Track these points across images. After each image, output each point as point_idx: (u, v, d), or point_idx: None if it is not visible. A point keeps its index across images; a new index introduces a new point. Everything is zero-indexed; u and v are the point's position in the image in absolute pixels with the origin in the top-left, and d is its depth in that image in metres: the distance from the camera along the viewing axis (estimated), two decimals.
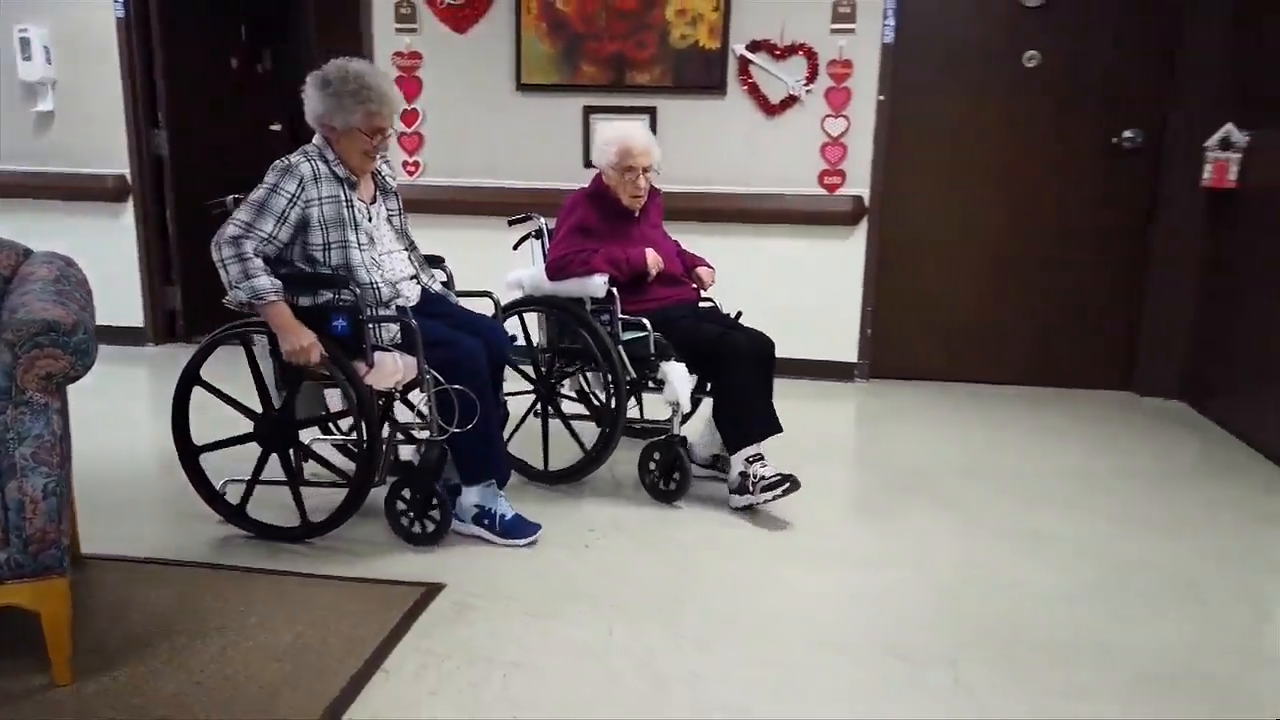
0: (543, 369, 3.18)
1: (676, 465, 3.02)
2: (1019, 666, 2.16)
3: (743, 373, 2.92)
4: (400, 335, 2.63)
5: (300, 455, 2.76)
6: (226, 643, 2.16)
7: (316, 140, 2.65)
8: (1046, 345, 4.49)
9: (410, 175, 4.59)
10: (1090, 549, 2.79)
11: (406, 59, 4.52)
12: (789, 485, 2.85)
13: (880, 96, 4.28)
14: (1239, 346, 3.88)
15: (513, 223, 3.33)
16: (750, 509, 2.93)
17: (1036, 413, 4.14)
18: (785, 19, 4.26)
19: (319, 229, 2.58)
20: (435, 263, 2.99)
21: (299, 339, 2.50)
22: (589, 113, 4.46)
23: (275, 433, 2.68)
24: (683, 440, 3.04)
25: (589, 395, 3.41)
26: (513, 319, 3.16)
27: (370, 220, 2.70)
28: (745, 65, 4.32)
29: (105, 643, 2.15)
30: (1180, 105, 4.13)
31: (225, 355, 2.67)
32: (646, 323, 2.99)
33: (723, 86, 4.36)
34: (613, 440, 3.07)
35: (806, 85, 4.30)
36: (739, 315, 3.20)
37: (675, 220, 3.35)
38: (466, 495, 2.74)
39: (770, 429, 2.94)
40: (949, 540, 2.83)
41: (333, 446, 3.14)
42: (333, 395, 2.82)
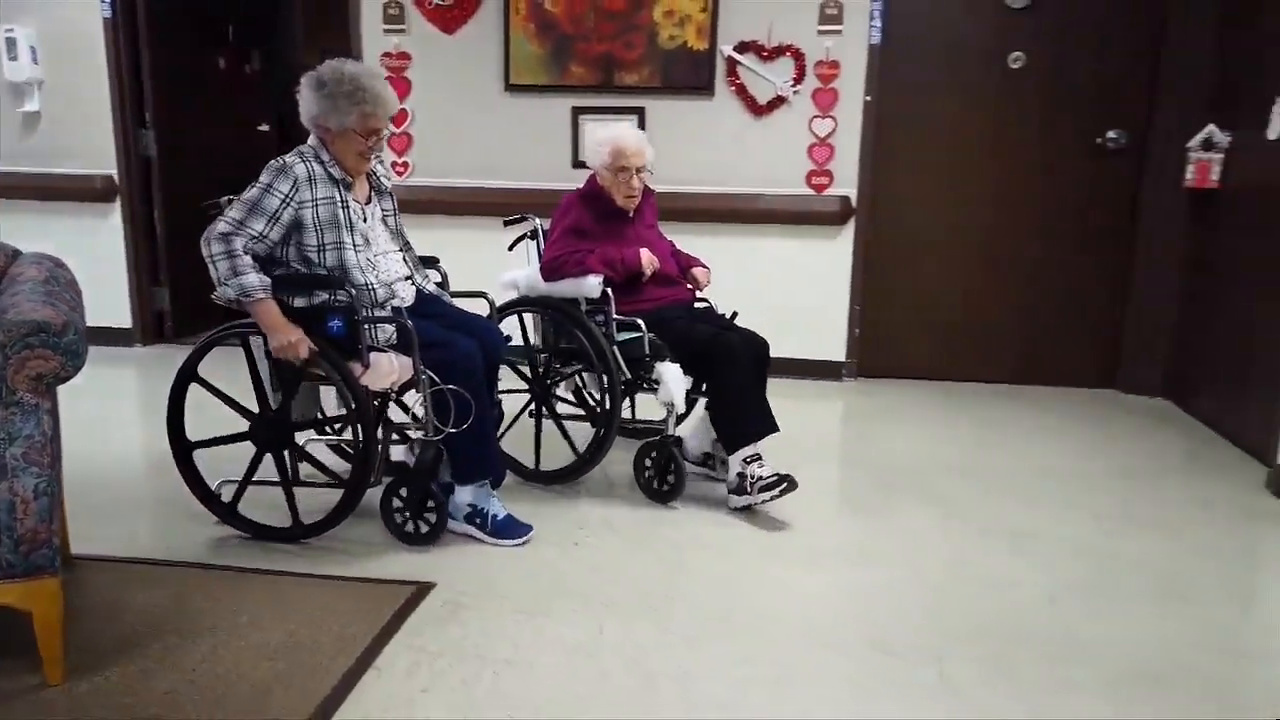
0: (539, 369, 3.19)
1: (671, 466, 3.02)
2: (1006, 663, 2.18)
3: (738, 373, 2.93)
4: (396, 336, 2.64)
5: (295, 456, 2.76)
6: (218, 642, 2.17)
7: (312, 141, 2.65)
8: (1033, 344, 4.53)
9: (399, 176, 4.59)
10: (1076, 546, 2.82)
11: (395, 59, 4.53)
12: (786, 486, 2.86)
13: (867, 97, 4.31)
14: (1220, 345, 3.92)
15: (508, 223, 3.34)
16: (749, 509, 2.95)
17: (1023, 411, 4.17)
18: (773, 20, 4.28)
19: (313, 230, 2.58)
20: (430, 263, 3.00)
21: (286, 335, 2.51)
22: (577, 113, 4.47)
23: (271, 433, 2.69)
24: (678, 441, 3.05)
25: (585, 396, 3.42)
26: (512, 319, 3.17)
27: (365, 221, 2.70)
28: (733, 66, 4.34)
29: (96, 642, 2.15)
30: (1163, 106, 4.17)
31: (222, 356, 2.68)
32: (641, 323, 2.99)
33: (711, 87, 4.38)
34: (607, 441, 3.07)
35: (794, 86, 4.33)
36: (734, 315, 3.20)
37: (663, 220, 3.37)
38: (459, 494, 2.75)
39: (767, 428, 2.94)
40: (937, 537, 2.86)
41: (327, 447, 3.14)
42: (329, 397, 2.82)
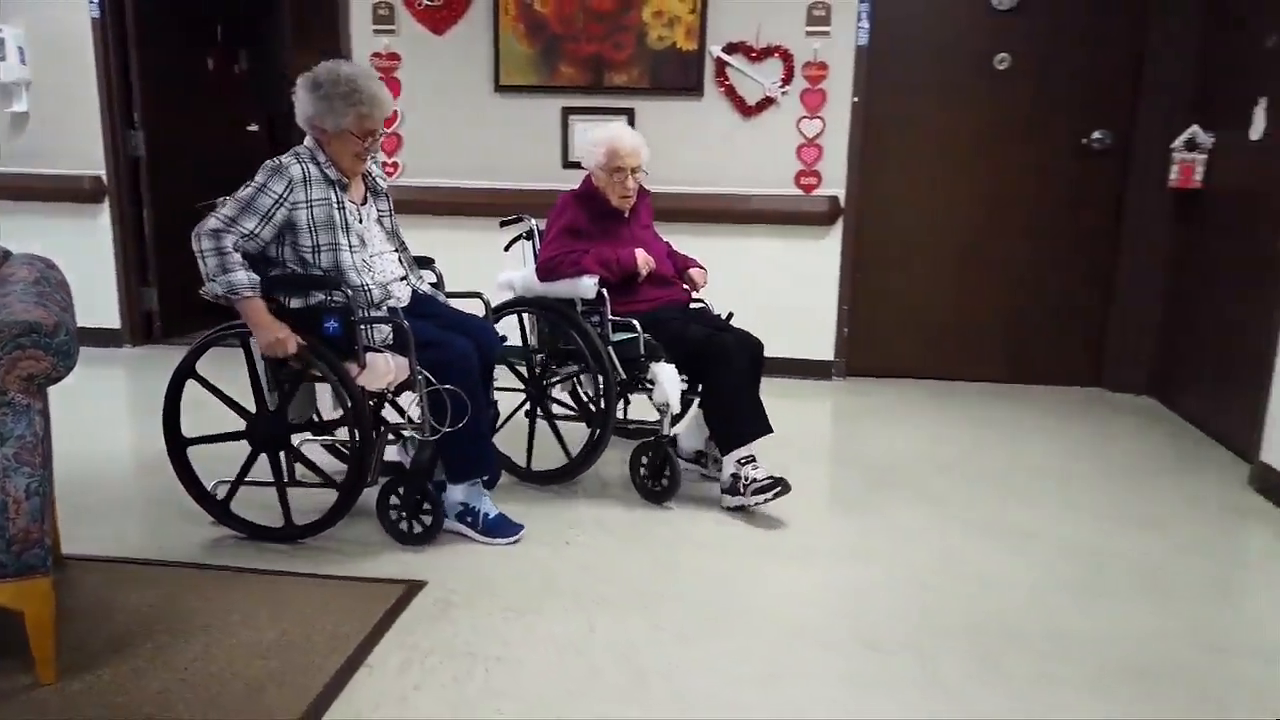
0: (536, 369, 3.19)
1: (666, 466, 3.03)
2: (992, 657, 2.21)
3: (733, 374, 2.94)
4: (392, 336, 2.65)
5: (291, 458, 2.76)
6: (210, 641, 2.18)
7: (308, 142, 2.66)
8: (1020, 343, 4.56)
9: (389, 176, 4.60)
10: (1062, 542, 2.85)
11: (385, 60, 4.53)
12: (780, 489, 2.87)
13: (855, 98, 4.33)
14: (1204, 343, 3.96)
15: (504, 223, 3.34)
16: (742, 509, 2.96)
17: (1010, 409, 4.21)
18: (761, 21, 4.31)
19: (308, 231, 2.59)
20: (425, 264, 3.01)
21: (273, 332, 2.52)
22: (567, 114, 4.49)
23: (267, 433, 2.69)
24: (673, 441, 3.05)
25: (581, 396, 3.43)
26: (511, 319, 3.17)
27: (361, 222, 2.71)
28: (722, 67, 4.36)
29: (88, 642, 2.15)
30: (1148, 107, 4.21)
31: (219, 356, 2.68)
32: (636, 324, 3.00)
33: (700, 88, 4.40)
34: (602, 442, 3.08)
35: (782, 87, 4.35)
36: (730, 316, 3.21)
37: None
38: (451, 493, 2.76)
39: (761, 430, 2.95)
40: (925, 535, 2.88)
41: (322, 447, 3.15)
42: (324, 398, 2.83)
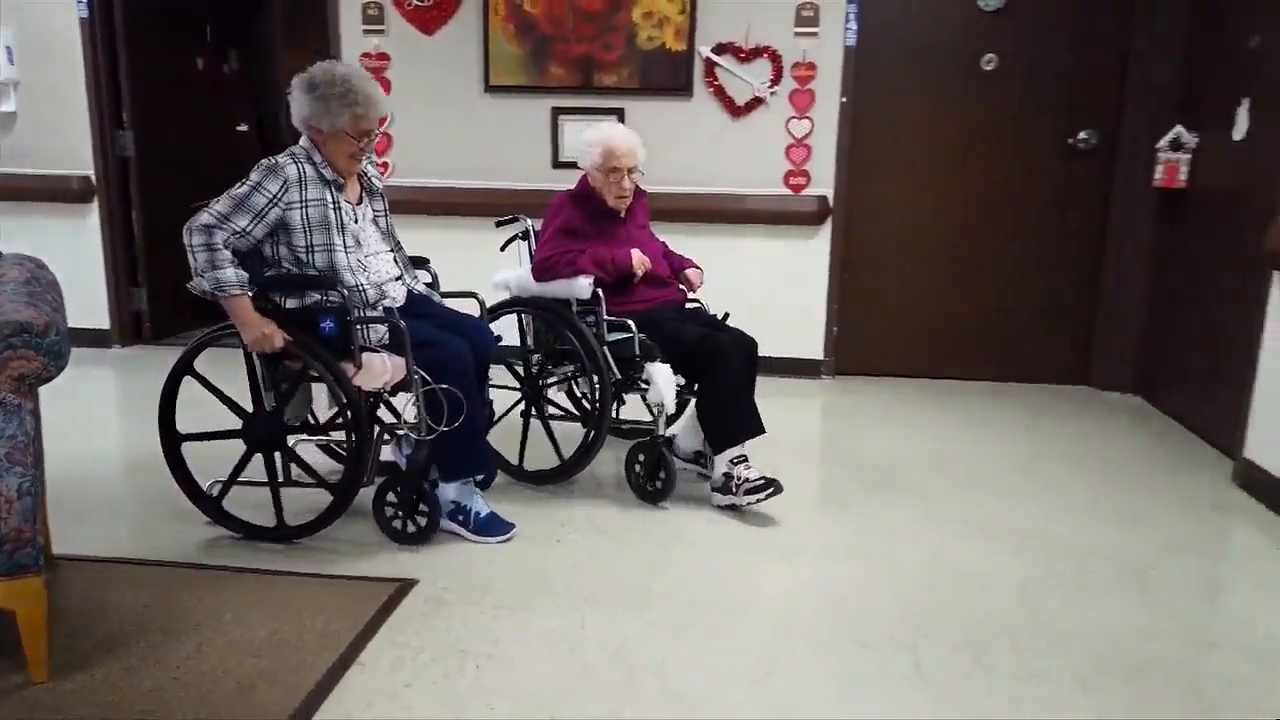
0: (534, 369, 3.20)
1: (661, 466, 3.04)
2: (979, 653, 2.23)
3: (729, 373, 2.94)
4: (388, 336, 2.66)
5: (286, 458, 2.76)
6: (202, 639, 2.18)
7: (303, 143, 2.67)
8: (1008, 341, 4.59)
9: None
10: (1049, 539, 2.87)
11: (374, 60, 4.53)
12: (772, 490, 2.89)
13: (843, 98, 4.36)
14: (1189, 341, 4.00)
15: (500, 224, 3.34)
16: (733, 508, 2.97)
17: (998, 408, 4.24)
18: (750, 22, 4.33)
19: (302, 231, 2.59)
20: (420, 264, 3.01)
21: (259, 328, 2.53)
22: (557, 114, 4.50)
23: (263, 433, 2.69)
24: (668, 441, 3.06)
25: (577, 397, 3.43)
26: (511, 319, 3.18)
27: (356, 222, 2.72)
28: (711, 67, 4.38)
29: (81, 641, 2.16)
30: (1133, 107, 4.25)
31: (218, 356, 2.69)
32: (631, 324, 3.00)
33: (689, 88, 4.42)
34: (597, 442, 3.08)
35: (771, 87, 4.37)
36: (726, 316, 3.22)
37: None
38: (444, 491, 2.77)
39: (754, 430, 2.96)
40: (915, 533, 2.90)
41: (317, 448, 3.15)
42: (320, 399, 2.83)
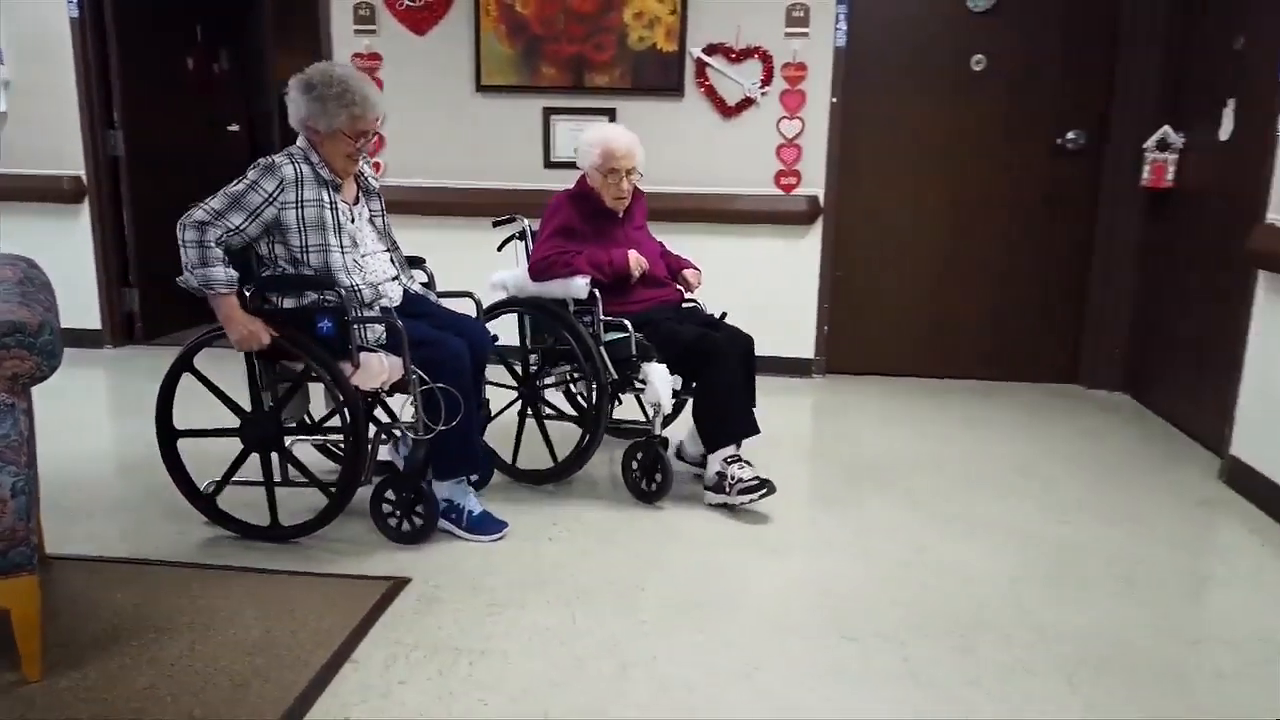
0: (531, 369, 3.20)
1: (658, 466, 3.04)
2: (966, 647, 2.25)
3: (726, 372, 2.95)
4: (385, 336, 2.66)
5: (283, 458, 2.77)
6: (196, 638, 2.19)
7: (301, 143, 2.67)
8: (997, 340, 4.62)
9: None
10: (1037, 535, 2.90)
11: (366, 60, 4.54)
12: (766, 490, 2.90)
13: (833, 99, 4.38)
14: (1176, 340, 4.03)
15: (497, 224, 3.34)
16: (725, 506, 2.99)
17: (987, 406, 4.27)
18: (740, 22, 4.35)
19: (297, 231, 2.60)
20: (416, 263, 3.02)
21: (245, 325, 2.54)
22: (549, 114, 4.51)
23: (261, 433, 2.70)
24: (664, 441, 3.07)
25: (575, 397, 3.44)
26: (510, 318, 3.18)
27: (353, 222, 2.73)
28: (702, 68, 4.40)
29: (74, 640, 2.17)
30: (1120, 107, 4.28)
31: (217, 356, 2.69)
32: (627, 323, 3.01)
33: (680, 88, 4.44)
34: (593, 444, 3.09)
35: (762, 88, 4.39)
36: (723, 316, 3.22)
37: None
38: (437, 489, 2.77)
39: (749, 430, 2.98)
40: (905, 530, 2.93)
41: (314, 448, 3.16)
42: (317, 399, 2.84)
